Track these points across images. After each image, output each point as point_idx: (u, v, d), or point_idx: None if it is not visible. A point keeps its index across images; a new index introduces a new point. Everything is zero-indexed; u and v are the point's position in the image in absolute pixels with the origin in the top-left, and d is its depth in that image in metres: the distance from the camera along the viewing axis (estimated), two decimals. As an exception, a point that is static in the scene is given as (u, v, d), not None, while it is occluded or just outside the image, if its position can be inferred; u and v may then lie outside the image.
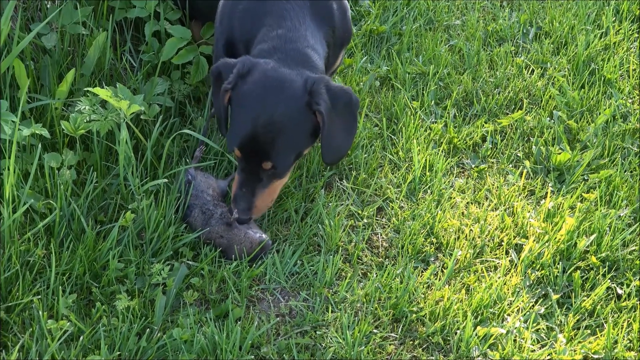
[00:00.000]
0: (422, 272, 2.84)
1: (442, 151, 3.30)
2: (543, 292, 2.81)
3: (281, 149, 2.65)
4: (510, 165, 3.32)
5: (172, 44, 3.24)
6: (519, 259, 2.90)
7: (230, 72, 2.68)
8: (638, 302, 2.79)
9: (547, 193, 3.18)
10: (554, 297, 2.77)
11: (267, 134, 2.62)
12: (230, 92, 2.68)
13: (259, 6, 2.87)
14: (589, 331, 2.69)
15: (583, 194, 3.17)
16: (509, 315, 2.72)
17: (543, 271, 2.86)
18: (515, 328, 2.66)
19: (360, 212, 3.03)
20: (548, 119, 3.54)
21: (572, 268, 2.88)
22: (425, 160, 3.21)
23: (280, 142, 2.64)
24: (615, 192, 3.19)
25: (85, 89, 2.90)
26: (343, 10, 3.03)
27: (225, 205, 2.88)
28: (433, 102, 3.57)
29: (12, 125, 2.68)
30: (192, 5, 3.42)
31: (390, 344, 2.60)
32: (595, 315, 2.76)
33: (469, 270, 2.86)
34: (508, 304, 2.74)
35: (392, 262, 2.87)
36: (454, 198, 3.13)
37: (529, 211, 3.09)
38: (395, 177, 3.19)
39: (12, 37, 3.06)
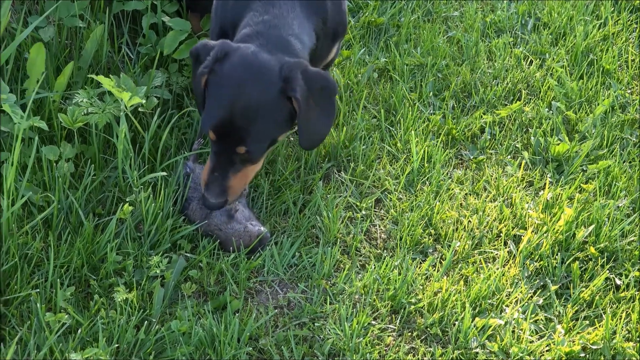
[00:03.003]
0: (420, 263, 2.84)
1: (440, 142, 3.30)
2: (541, 283, 2.81)
3: (256, 134, 2.62)
4: (509, 156, 3.32)
5: (173, 37, 3.23)
6: (517, 250, 2.90)
7: (209, 54, 2.66)
8: (637, 293, 2.79)
9: (545, 184, 3.18)
10: (553, 288, 2.77)
11: (242, 119, 2.59)
12: (207, 75, 2.66)
13: None
14: (587, 322, 2.69)
15: (582, 184, 3.17)
16: (507, 306, 2.72)
17: (541, 262, 2.86)
18: (514, 319, 2.66)
19: (358, 203, 3.03)
20: (547, 109, 3.54)
21: (571, 259, 2.87)
22: (424, 151, 3.21)
23: (255, 128, 2.60)
24: (614, 182, 3.18)
25: (89, 75, 2.89)
26: (338, 2, 3.00)
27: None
28: (431, 93, 3.56)
29: (17, 116, 2.67)
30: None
31: (388, 336, 2.60)
32: (593, 306, 2.76)
33: (468, 262, 2.86)
34: (506, 295, 2.75)
35: (391, 253, 2.87)
36: (453, 189, 3.12)
37: (528, 202, 3.09)
38: (394, 168, 3.18)
39: (9, 30, 3.06)
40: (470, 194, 3.13)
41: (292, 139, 3.21)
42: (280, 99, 2.61)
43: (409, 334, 2.62)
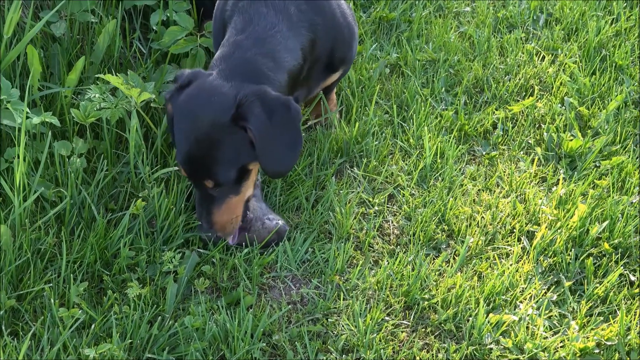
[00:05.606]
0: (433, 259, 2.83)
1: (453, 138, 3.29)
2: (555, 279, 2.80)
3: (218, 165, 2.53)
4: (522, 152, 3.31)
5: (172, 33, 3.22)
6: (531, 245, 2.89)
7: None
8: (651, 289, 2.78)
9: (558, 180, 3.17)
10: (567, 284, 2.76)
11: (199, 152, 2.52)
12: (170, 103, 2.61)
13: (240, 5, 2.76)
14: (601, 318, 2.68)
15: (595, 180, 3.15)
16: (521, 302, 2.70)
17: (555, 258, 2.85)
18: (528, 315, 2.64)
19: (371, 199, 3.02)
20: (559, 105, 3.52)
21: (585, 255, 2.86)
22: (436, 147, 3.20)
23: (214, 160, 2.52)
24: (628, 178, 3.17)
25: (96, 75, 2.89)
26: (336, 25, 2.88)
27: None
28: (443, 89, 3.55)
29: (21, 114, 2.66)
30: (203, 3, 3.40)
31: (402, 331, 2.59)
32: (608, 302, 2.74)
33: (481, 258, 2.85)
34: (520, 291, 2.73)
35: (404, 249, 2.86)
36: (465, 185, 3.11)
37: (541, 198, 3.07)
38: (406, 164, 3.17)
39: (20, 25, 3.06)
40: (483, 190, 3.11)
41: (303, 134, 3.20)
42: (234, 127, 2.50)
43: (423, 329, 2.61)
